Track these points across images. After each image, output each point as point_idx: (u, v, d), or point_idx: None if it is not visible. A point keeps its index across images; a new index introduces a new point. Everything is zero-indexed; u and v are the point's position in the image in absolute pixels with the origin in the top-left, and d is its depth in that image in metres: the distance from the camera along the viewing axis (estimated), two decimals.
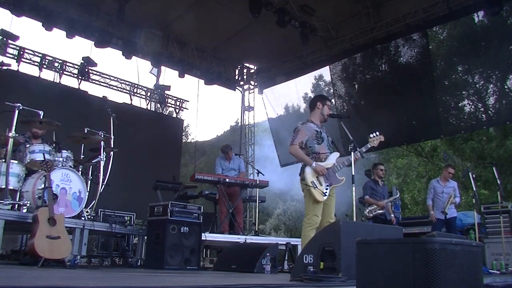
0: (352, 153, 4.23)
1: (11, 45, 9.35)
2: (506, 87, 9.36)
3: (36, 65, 9.71)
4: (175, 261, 5.17)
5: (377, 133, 4.47)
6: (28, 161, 5.07)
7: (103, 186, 5.86)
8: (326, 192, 4.24)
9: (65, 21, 8.82)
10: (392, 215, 6.86)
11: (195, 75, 11.40)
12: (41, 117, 5.35)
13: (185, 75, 11.11)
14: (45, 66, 9.80)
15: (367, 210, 6.93)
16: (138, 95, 11.59)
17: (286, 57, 11.15)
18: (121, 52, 9.92)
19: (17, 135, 5.06)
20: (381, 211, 6.79)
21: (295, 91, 11.80)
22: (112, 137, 6.18)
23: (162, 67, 11.20)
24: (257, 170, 7.72)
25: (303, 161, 4.33)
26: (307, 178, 4.25)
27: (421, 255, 2.15)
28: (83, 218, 5.29)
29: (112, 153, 6.24)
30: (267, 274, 4.91)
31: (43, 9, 8.49)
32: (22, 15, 8.44)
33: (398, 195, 7.61)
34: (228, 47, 11.19)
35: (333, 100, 10.76)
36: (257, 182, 7.19)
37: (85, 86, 10.42)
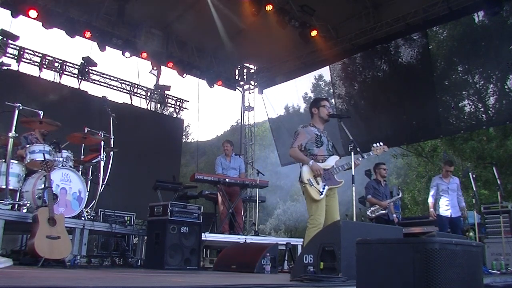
0: (353, 157, 4.23)
1: (11, 45, 9.36)
2: (506, 87, 9.38)
3: (36, 65, 9.71)
4: (175, 261, 5.17)
5: (381, 143, 4.56)
6: (28, 161, 5.07)
7: (103, 186, 5.86)
8: (322, 191, 4.23)
9: (65, 21, 8.81)
10: (394, 215, 6.85)
11: (195, 75, 11.39)
12: (41, 117, 5.36)
13: (185, 75, 11.11)
14: (45, 66, 9.80)
15: (369, 210, 6.90)
16: (138, 95, 11.60)
17: (286, 57, 11.13)
18: (121, 52, 9.93)
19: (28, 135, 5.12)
20: (384, 211, 6.77)
21: (295, 91, 11.83)
22: (112, 137, 6.19)
23: (162, 67, 11.20)
24: (257, 170, 7.71)
25: (301, 161, 4.34)
26: (303, 176, 4.27)
27: (421, 255, 2.15)
28: (83, 218, 5.30)
29: (112, 153, 6.25)
30: (267, 274, 4.90)
31: (43, 9, 8.49)
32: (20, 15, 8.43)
33: (400, 195, 7.58)
34: (228, 47, 11.18)
35: (333, 100, 10.76)
36: (257, 182, 7.18)
37: (85, 86, 10.46)
